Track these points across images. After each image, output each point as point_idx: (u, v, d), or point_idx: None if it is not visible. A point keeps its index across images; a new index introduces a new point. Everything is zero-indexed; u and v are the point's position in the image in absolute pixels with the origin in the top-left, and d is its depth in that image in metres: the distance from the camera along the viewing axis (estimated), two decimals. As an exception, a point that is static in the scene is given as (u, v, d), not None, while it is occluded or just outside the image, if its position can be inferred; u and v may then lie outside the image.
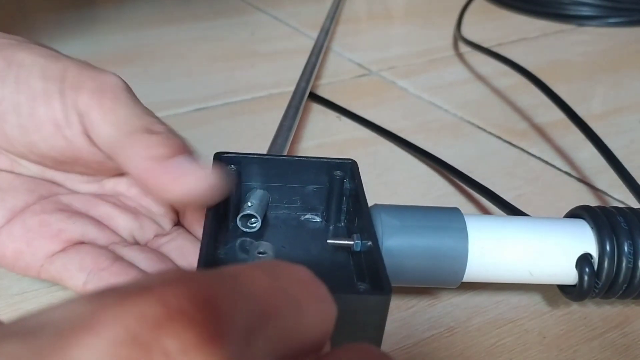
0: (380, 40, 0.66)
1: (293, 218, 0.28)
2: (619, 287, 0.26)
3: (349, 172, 0.27)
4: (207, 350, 0.10)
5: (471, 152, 0.42)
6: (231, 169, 0.26)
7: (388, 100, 0.50)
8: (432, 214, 0.26)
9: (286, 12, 0.72)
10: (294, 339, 0.13)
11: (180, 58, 0.59)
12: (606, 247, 0.25)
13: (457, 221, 0.26)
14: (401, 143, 0.42)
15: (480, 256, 0.25)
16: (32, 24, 0.67)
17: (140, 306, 0.10)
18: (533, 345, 0.27)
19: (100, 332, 0.10)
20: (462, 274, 0.26)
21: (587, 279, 0.26)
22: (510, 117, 0.47)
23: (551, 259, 0.26)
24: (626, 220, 0.26)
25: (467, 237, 0.25)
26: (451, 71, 0.56)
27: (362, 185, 0.26)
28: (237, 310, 0.11)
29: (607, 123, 0.46)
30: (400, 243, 0.25)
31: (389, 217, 0.25)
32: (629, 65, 0.58)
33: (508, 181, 0.39)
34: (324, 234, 0.27)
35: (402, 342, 0.26)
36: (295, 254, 0.26)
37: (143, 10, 0.72)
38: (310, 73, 0.48)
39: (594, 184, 0.39)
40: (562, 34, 0.67)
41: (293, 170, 0.27)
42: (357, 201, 0.26)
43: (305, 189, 0.28)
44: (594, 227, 0.26)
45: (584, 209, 0.27)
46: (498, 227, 0.26)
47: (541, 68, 0.54)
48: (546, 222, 0.27)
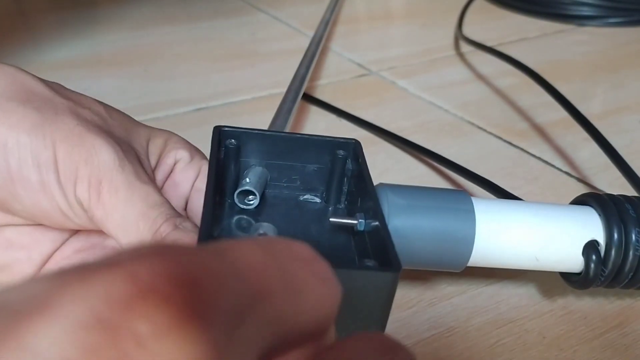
0: (380, 40, 0.66)
1: (292, 198, 0.27)
2: (625, 275, 0.25)
3: (352, 152, 0.26)
4: (184, 334, 0.09)
5: (471, 152, 0.42)
6: (230, 143, 0.25)
7: (388, 100, 0.50)
8: (439, 195, 0.26)
9: (286, 12, 0.72)
10: (290, 324, 0.11)
11: (180, 58, 0.59)
12: (614, 235, 0.25)
13: (465, 203, 0.25)
14: (401, 142, 0.42)
15: (486, 239, 0.25)
16: (32, 24, 0.67)
17: (107, 284, 0.09)
18: (533, 345, 0.27)
19: (59, 315, 0.08)
20: (467, 257, 0.25)
21: (594, 266, 0.25)
22: (510, 117, 0.47)
23: (558, 245, 0.26)
24: (634, 208, 0.26)
25: (475, 219, 0.25)
26: (451, 71, 0.56)
27: (367, 165, 0.25)
28: (223, 289, 0.10)
29: (607, 123, 0.46)
30: (407, 223, 0.24)
31: (396, 196, 0.25)
32: (629, 65, 0.58)
33: (508, 181, 0.39)
34: (323, 215, 0.26)
35: (402, 342, 0.26)
36: (294, 234, 0.25)
37: (143, 10, 0.72)
38: (302, 79, 0.47)
39: (594, 184, 0.39)
40: (562, 34, 0.67)
41: (294, 148, 0.26)
42: (361, 181, 0.25)
43: (306, 168, 0.27)
44: (601, 214, 0.26)
45: (591, 196, 0.27)
46: (505, 211, 0.26)
47: (541, 68, 0.54)
48: (554, 208, 0.27)
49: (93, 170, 0.23)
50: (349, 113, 0.46)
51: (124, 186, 0.23)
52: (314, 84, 0.51)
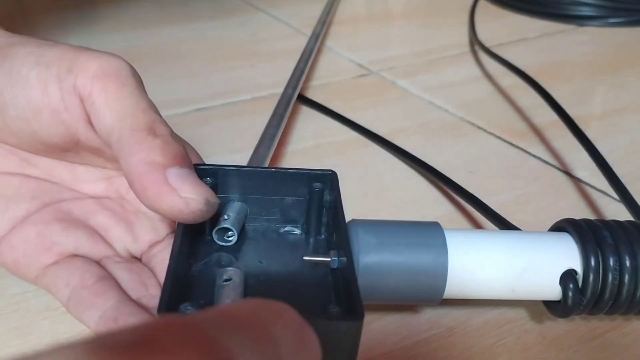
0: (380, 41, 0.66)
1: (272, 230, 0.27)
2: (605, 303, 0.25)
3: (329, 183, 0.26)
4: None
5: (471, 152, 0.42)
6: (207, 181, 0.25)
7: (388, 101, 0.50)
8: (411, 230, 0.25)
9: (286, 12, 0.72)
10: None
11: (180, 58, 0.59)
12: (591, 263, 0.25)
13: (437, 237, 0.25)
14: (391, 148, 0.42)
15: (460, 273, 0.25)
16: (32, 24, 0.67)
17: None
18: (533, 345, 0.27)
19: None
20: (442, 292, 0.25)
21: (572, 295, 0.25)
22: (510, 117, 0.47)
23: (534, 275, 0.25)
24: (612, 235, 0.25)
25: (447, 253, 0.25)
26: (451, 71, 0.56)
27: (341, 199, 0.25)
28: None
29: (607, 123, 0.46)
30: (378, 260, 0.24)
31: (366, 234, 0.25)
32: (630, 65, 0.58)
33: (508, 181, 0.39)
34: (304, 247, 0.26)
35: (402, 342, 0.26)
36: (273, 270, 0.25)
37: (143, 10, 0.72)
38: (298, 79, 0.47)
39: (594, 184, 0.39)
40: (562, 34, 0.67)
41: (271, 181, 0.26)
42: (335, 215, 0.25)
43: (285, 201, 0.27)
44: (578, 242, 0.25)
45: (569, 222, 0.27)
46: (479, 243, 0.26)
47: (541, 68, 0.54)
48: (529, 236, 0.26)
49: (103, 67, 0.24)
50: (344, 116, 0.46)
51: (133, 89, 0.24)
52: (314, 84, 0.51)
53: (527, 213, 0.35)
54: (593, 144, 0.36)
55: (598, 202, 0.37)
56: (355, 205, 0.36)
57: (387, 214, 0.35)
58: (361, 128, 0.44)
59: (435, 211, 0.35)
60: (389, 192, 0.37)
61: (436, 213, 0.35)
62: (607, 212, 0.36)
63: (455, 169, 0.39)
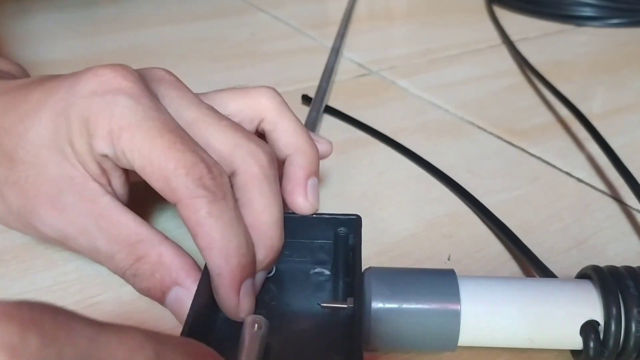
0: (380, 40, 0.66)
1: (303, 271, 0.28)
2: (629, 355, 0.24)
3: (353, 228, 0.27)
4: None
5: (471, 152, 0.42)
6: None
7: (388, 100, 0.50)
8: (425, 279, 0.25)
9: (286, 12, 0.72)
10: None
11: (180, 58, 0.59)
12: (612, 315, 0.24)
13: (450, 286, 0.25)
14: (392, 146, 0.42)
15: (474, 322, 0.24)
16: (32, 24, 0.67)
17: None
18: (533, 345, 0.27)
19: None
20: (455, 341, 0.25)
21: (593, 346, 0.24)
22: (510, 117, 0.47)
23: (553, 325, 0.25)
24: (636, 284, 0.24)
25: (460, 302, 0.24)
26: (451, 71, 0.56)
27: (360, 246, 0.26)
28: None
29: (607, 123, 0.46)
30: (390, 309, 0.24)
31: (379, 284, 0.25)
32: (630, 65, 0.58)
33: (508, 181, 0.39)
34: (330, 290, 0.27)
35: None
36: (295, 312, 0.26)
37: (143, 10, 0.72)
38: (321, 101, 0.46)
39: (594, 184, 0.39)
40: (562, 34, 0.67)
41: (299, 227, 0.27)
42: (354, 261, 0.25)
43: (314, 244, 0.28)
44: (600, 291, 0.25)
45: (593, 270, 0.26)
46: (494, 291, 0.25)
47: (541, 68, 0.54)
48: (548, 284, 0.26)
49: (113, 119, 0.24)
50: (345, 113, 0.46)
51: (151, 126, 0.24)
52: (314, 83, 0.51)
53: (527, 213, 0.35)
54: (605, 140, 0.36)
55: (598, 202, 0.37)
56: (356, 205, 0.36)
57: (387, 213, 0.35)
58: (362, 125, 0.44)
59: (435, 211, 0.35)
60: (389, 191, 0.37)
61: (436, 213, 0.35)
62: (607, 212, 0.36)
63: (455, 168, 0.39)
